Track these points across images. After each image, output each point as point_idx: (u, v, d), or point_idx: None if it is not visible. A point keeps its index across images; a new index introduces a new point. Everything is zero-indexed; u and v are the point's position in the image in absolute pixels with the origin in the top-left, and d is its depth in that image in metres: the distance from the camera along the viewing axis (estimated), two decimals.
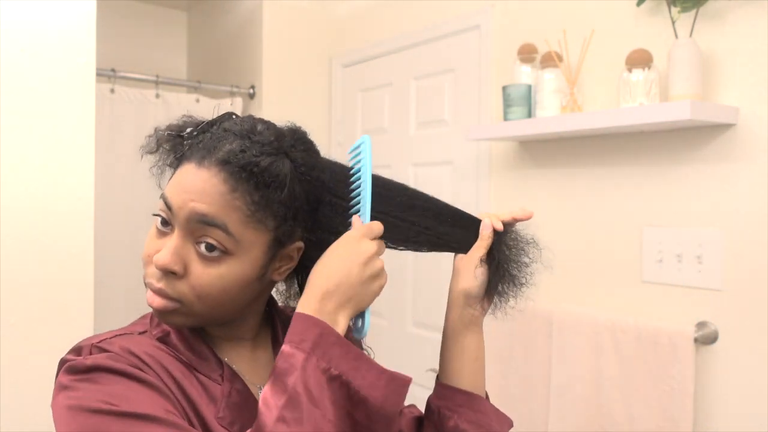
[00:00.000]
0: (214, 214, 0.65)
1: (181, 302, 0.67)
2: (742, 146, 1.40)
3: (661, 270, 1.54)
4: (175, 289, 0.67)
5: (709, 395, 1.45)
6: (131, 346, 0.68)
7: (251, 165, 0.66)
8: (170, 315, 0.68)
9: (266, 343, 0.81)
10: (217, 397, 0.70)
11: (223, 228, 0.66)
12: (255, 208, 0.66)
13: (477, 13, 2.00)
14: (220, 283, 0.67)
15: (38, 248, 1.46)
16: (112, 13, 2.69)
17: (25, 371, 1.45)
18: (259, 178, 0.66)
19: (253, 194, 0.66)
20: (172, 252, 0.66)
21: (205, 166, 0.66)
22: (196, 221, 0.66)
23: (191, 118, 0.76)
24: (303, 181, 0.70)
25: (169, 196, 0.68)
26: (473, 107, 2.03)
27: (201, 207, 0.65)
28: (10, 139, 1.43)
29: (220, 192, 0.65)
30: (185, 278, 0.67)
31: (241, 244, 0.67)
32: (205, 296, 0.67)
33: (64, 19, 1.50)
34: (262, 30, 2.47)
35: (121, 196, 2.25)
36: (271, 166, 0.67)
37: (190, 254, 0.67)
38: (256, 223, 0.67)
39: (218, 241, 0.66)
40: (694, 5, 1.43)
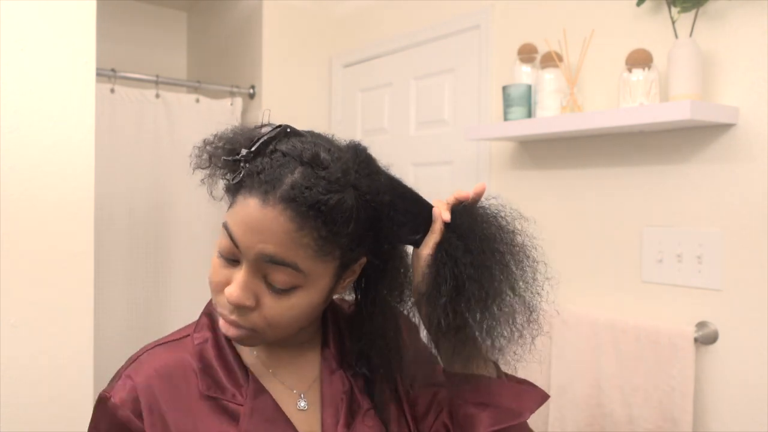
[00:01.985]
0: (283, 255, 0.64)
1: (254, 331, 0.69)
2: (742, 146, 1.40)
3: (661, 270, 1.54)
4: (248, 320, 0.68)
5: (709, 395, 1.45)
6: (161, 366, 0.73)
7: (319, 204, 0.63)
8: (244, 340, 0.70)
9: (316, 346, 0.80)
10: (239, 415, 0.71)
11: (293, 266, 0.65)
12: (323, 243, 0.65)
13: (477, 13, 2.00)
14: (291, 313, 0.68)
15: (38, 248, 1.46)
16: (112, 13, 2.69)
17: (25, 371, 1.45)
18: (327, 216, 0.64)
19: (321, 230, 0.64)
20: (242, 288, 0.66)
21: (270, 204, 0.63)
22: (265, 261, 0.65)
23: (240, 132, 0.72)
24: (368, 208, 0.68)
25: (234, 233, 0.66)
26: (473, 107, 2.03)
27: (269, 249, 0.64)
28: (10, 139, 1.43)
29: (286, 231, 0.64)
30: (257, 310, 0.68)
31: (310, 277, 0.67)
32: (277, 325, 0.68)
33: (64, 19, 1.50)
34: (262, 30, 2.47)
35: (121, 196, 2.25)
36: (338, 204, 0.64)
37: (260, 287, 0.67)
38: (324, 256, 0.66)
39: (288, 278, 0.66)
40: (694, 5, 1.42)
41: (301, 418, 0.74)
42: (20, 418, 1.44)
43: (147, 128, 2.30)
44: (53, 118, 1.49)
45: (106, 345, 2.16)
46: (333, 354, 0.79)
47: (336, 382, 0.77)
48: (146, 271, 2.32)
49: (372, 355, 0.78)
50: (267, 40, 2.47)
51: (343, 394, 0.76)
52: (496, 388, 0.77)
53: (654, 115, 1.39)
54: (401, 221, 0.74)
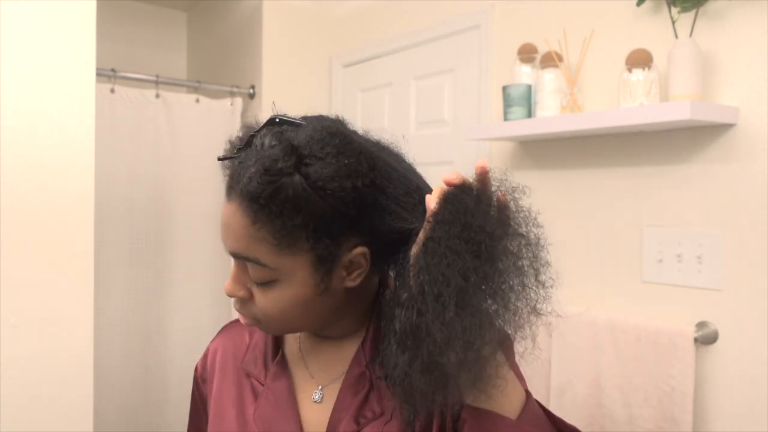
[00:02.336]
0: (243, 251, 0.66)
1: (257, 321, 0.72)
2: (742, 146, 1.40)
3: (661, 270, 1.54)
4: (249, 311, 0.71)
5: (709, 395, 1.45)
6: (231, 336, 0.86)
7: (258, 196, 0.62)
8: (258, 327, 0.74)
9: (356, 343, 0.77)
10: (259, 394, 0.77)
11: (255, 261, 0.66)
12: (280, 236, 0.64)
13: (477, 13, 2.00)
14: (279, 305, 0.69)
15: (38, 248, 1.46)
16: (112, 13, 2.68)
17: (25, 371, 1.45)
18: (270, 207, 0.62)
19: (273, 222, 0.63)
20: (232, 280, 0.70)
21: (231, 200, 0.66)
22: (233, 256, 0.69)
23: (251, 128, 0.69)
24: (323, 195, 0.63)
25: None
26: (473, 107, 2.03)
27: (231, 244, 0.67)
28: (10, 139, 1.43)
29: (243, 225, 0.65)
30: (252, 301, 0.71)
31: (281, 271, 0.66)
32: (270, 317, 0.70)
33: (64, 19, 1.50)
34: (262, 30, 2.47)
35: (121, 196, 2.25)
36: (276, 193, 0.61)
37: (250, 280, 0.70)
38: (286, 249, 0.65)
39: (257, 272, 0.67)
40: (694, 5, 1.42)
41: (314, 409, 0.75)
42: (20, 418, 1.44)
43: (147, 128, 2.30)
44: (53, 118, 1.49)
45: (106, 345, 2.16)
46: (365, 353, 0.75)
47: (354, 382, 0.74)
48: (146, 271, 2.32)
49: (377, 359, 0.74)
50: (267, 40, 2.47)
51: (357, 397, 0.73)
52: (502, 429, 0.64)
53: (654, 115, 1.39)
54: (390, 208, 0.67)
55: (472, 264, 0.58)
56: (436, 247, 0.59)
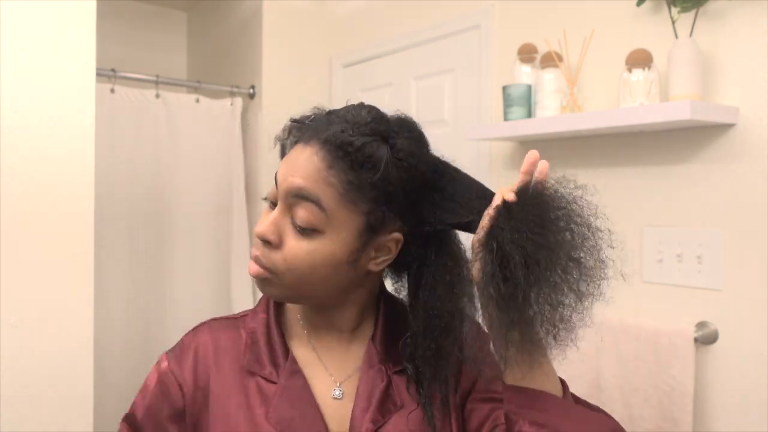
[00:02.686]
0: (309, 188, 0.68)
1: (272, 272, 0.71)
2: (742, 146, 1.40)
3: (661, 270, 1.54)
4: (270, 258, 0.71)
5: (709, 395, 1.45)
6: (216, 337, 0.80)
7: (346, 144, 0.68)
8: (264, 283, 0.73)
9: (365, 337, 0.80)
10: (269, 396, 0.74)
11: (316, 202, 0.68)
12: (349, 188, 0.68)
13: (477, 13, 2.00)
14: (310, 258, 0.69)
15: (38, 248, 1.46)
16: (112, 13, 2.68)
17: (25, 371, 1.45)
18: (353, 157, 0.68)
19: (348, 173, 0.68)
20: (270, 222, 0.70)
21: (310, 145, 0.70)
22: (293, 195, 0.69)
23: (318, 109, 0.78)
24: (400, 167, 0.70)
25: (278, 173, 0.72)
26: (473, 107, 2.03)
27: (298, 181, 0.69)
28: (10, 140, 1.43)
29: (317, 168, 0.68)
30: (280, 249, 0.70)
31: (332, 222, 0.69)
32: (295, 268, 0.70)
33: (64, 19, 1.50)
34: (262, 30, 2.47)
35: (121, 196, 2.25)
36: (364, 147, 0.68)
37: (287, 227, 0.70)
38: (349, 203, 0.69)
39: (311, 215, 0.68)
40: (694, 5, 1.42)
41: (334, 406, 0.75)
42: (20, 417, 1.44)
43: (147, 128, 2.30)
44: (53, 118, 1.49)
45: (106, 345, 2.16)
46: (377, 348, 0.78)
47: (373, 376, 0.76)
48: (146, 271, 2.32)
49: (417, 355, 0.75)
50: (267, 40, 2.47)
51: (378, 390, 0.75)
52: (558, 408, 0.71)
53: (654, 115, 1.39)
54: (446, 206, 0.74)
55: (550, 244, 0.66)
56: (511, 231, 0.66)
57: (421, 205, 0.73)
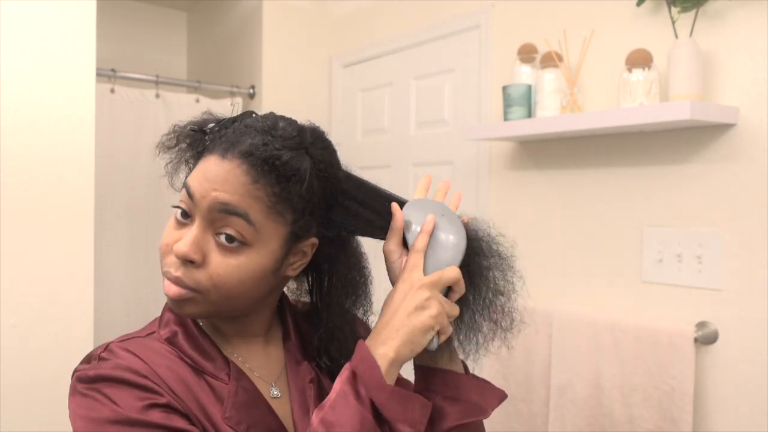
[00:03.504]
0: (236, 203, 0.67)
1: (197, 291, 0.68)
2: (742, 146, 1.40)
3: (661, 270, 1.54)
4: (193, 277, 0.68)
5: (709, 395, 1.45)
6: (139, 352, 0.70)
7: (273, 158, 0.68)
8: (185, 304, 0.69)
9: (278, 339, 0.82)
10: (224, 396, 0.71)
11: (245, 217, 0.67)
12: (276, 200, 0.68)
13: (477, 13, 2.00)
14: (238, 273, 0.68)
15: (38, 248, 1.46)
16: (112, 13, 2.68)
17: (25, 371, 1.45)
18: (280, 170, 0.68)
19: (274, 186, 0.68)
20: (192, 241, 0.68)
21: (228, 158, 0.68)
22: (218, 210, 0.67)
23: (211, 116, 0.77)
24: (321, 177, 0.72)
25: (192, 186, 0.69)
26: (473, 107, 2.03)
27: (224, 196, 0.67)
28: (10, 140, 1.43)
29: (242, 182, 0.67)
30: (203, 267, 0.68)
31: (260, 235, 0.68)
32: (222, 285, 0.68)
33: (64, 19, 1.50)
34: (262, 30, 2.47)
35: (121, 196, 2.25)
36: (291, 160, 0.68)
37: (209, 244, 0.68)
38: (276, 215, 0.69)
39: (238, 231, 0.67)
40: (694, 5, 1.43)
41: (275, 405, 0.75)
42: (20, 417, 1.44)
43: (147, 128, 2.30)
44: (53, 118, 1.49)
45: None
46: (296, 345, 0.81)
47: (302, 372, 0.79)
48: (146, 272, 2.32)
49: (331, 348, 0.80)
50: (267, 40, 2.47)
51: (310, 384, 0.78)
52: (464, 383, 0.79)
53: (654, 115, 1.39)
54: (356, 210, 0.77)
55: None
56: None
57: (335, 210, 0.76)
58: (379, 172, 2.35)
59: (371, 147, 2.42)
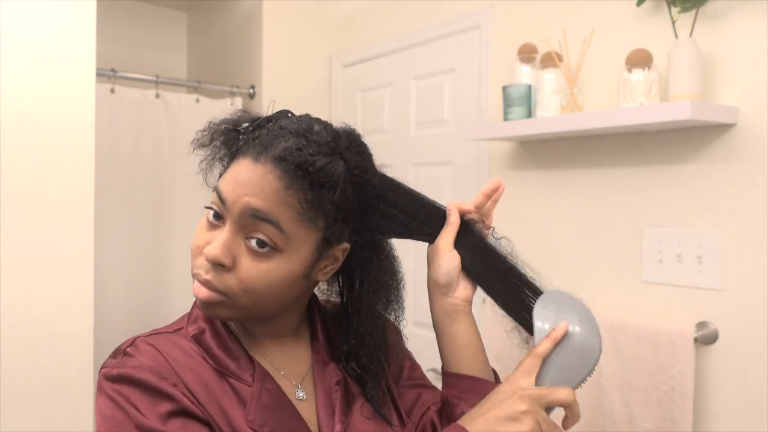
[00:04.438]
0: (267, 210, 0.66)
1: (226, 295, 0.68)
2: (742, 146, 1.40)
3: (661, 270, 1.54)
4: (223, 281, 0.68)
5: (709, 395, 1.45)
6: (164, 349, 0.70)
7: (307, 164, 0.66)
8: (214, 307, 0.69)
9: (305, 340, 0.81)
10: (247, 399, 0.70)
11: (276, 224, 0.66)
12: (308, 207, 0.67)
13: (477, 13, 2.00)
14: (267, 279, 0.68)
15: (38, 248, 1.46)
16: (112, 13, 2.68)
17: (25, 371, 1.45)
18: (314, 177, 0.67)
19: (307, 193, 0.67)
20: (222, 244, 0.67)
21: (261, 162, 0.67)
22: (249, 216, 0.66)
23: (246, 113, 0.76)
24: (355, 183, 0.71)
25: (223, 190, 0.69)
26: (473, 107, 2.03)
27: (255, 202, 0.66)
28: (10, 140, 1.43)
29: (274, 188, 0.66)
30: (233, 272, 0.67)
31: (291, 242, 0.68)
32: (251, 290, 0.68)
33: (64, 19, 1.50)
34: (262, 30, 2.47)
35: (121, 196, 2.25)
36: (326, 167, 0.67)
37: (240, 248, 0.68)
38: (308, 222, 0.68)
39: (269, 237, 0.67)
40: (694, 5, 1.43)
41: (301, 407, 0.74)
42: (20, 417, 1.44)
43: (147, 128, 2.30)
44: (53, 118, 1.49)
45: (106, 345, 2.16)
46: (323, 347, 0.80)
47: (329, 373, 0.78)
48: (146, 271, 2.32)
49: (361, 354, 0.79)
50: (267, 40, 2.47)
51: (336, 386, 0.77)
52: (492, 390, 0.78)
53: (654, 115, 1.39)
54: (391, 213, 0.77)
55: None
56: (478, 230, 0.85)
57: (369, 215, 0.75)
58: None
59: (371, 147, 2.40)
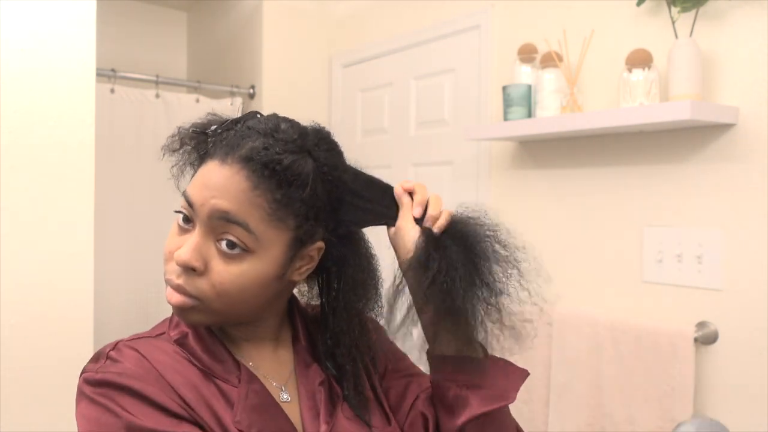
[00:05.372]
0: (235, 212, 0.65)
1: (199, 299, 0.67)
2: (742, 146, 1.40)
3: (661, 270, 1.54)
4: (195, 286, 0.67)
5: (709, 395, 1.45)
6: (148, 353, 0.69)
7: (273, 162, 0.65)
8: (189, 312, 0.69)
9: (287, 343, 0.80)
10: (234, 400, 0.69)
11: (245, 226, 0.65)
12: (276, 206, 0.66)
13: (477, 13, 2.00)
14: (240, 281, 0.67)
15: (38, 248, 1.46)
16: (112, 13, 2.68)
17: (25, 371, 1.45)
18: (281, 176, 0.66)
19: (274, 192, 0.66)
20: (193, 248, 0.66)
21: (227, 163, 0.66)
22: (217, 218, 0.66)
23: (216, 116, 0.75)
24: (325, 180, 0.70)
25: (191, 194, 0.68)
26: (473, 107, 2.03)
27: (222, 204, 0.65)
28: (10, 140, 1.43)
29: (242, 189, 0.65)
30: (205, 275, 0.67)
31: (261, 243, 0.67)
32: (225, 293, 0.67)
33: (64, 19, 1.50)
34: (262, 30, 2.47)
35: (121, 196, 2.25)
36: (293, 164, 0.66)
37: (211, 251, 0.67)
38: (277, 222, 0.67)
39: (239, 238, 0.66)
40: (694, 5, 1.43)
41: (286, 409, 0.74)
42: (20, 417, 1.44)
43: (147, 128, 2.30)
44: (53, 118, 1.49)
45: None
46: (305, 348, 0.80)
47: (312, 375, 0.77)
48: (146, 272, 2.32)
49: (337, 353, 0.78)
50: (267, 40, 2.47)
51: (320, 386, 0.77)
52: (484, 367, 0.76)
53: (654, 115, 1.39)
54: (364, 207, 0.76)
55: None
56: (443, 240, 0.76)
57: (342, 210, 0.74)
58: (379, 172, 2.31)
59: (371, 147, 2.41)
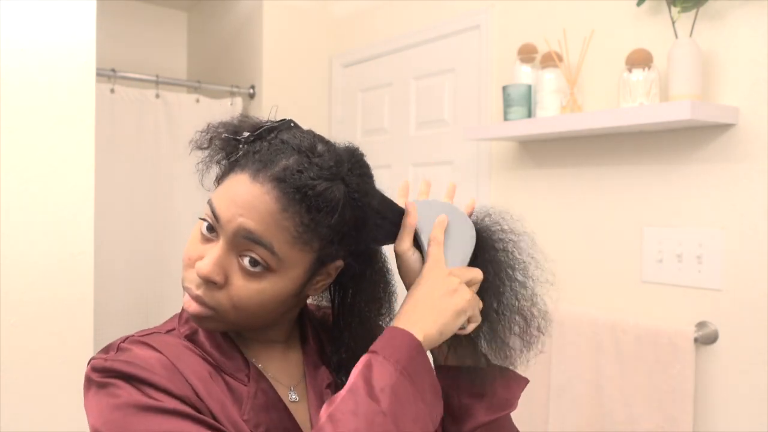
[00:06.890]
0: (261, 233, 0.64)
1: (216, 311, 0.67)
2: (742, 146, 1.40)
3: (661, 270, 1.54)
4: (214, 298, 0.67)
5: (709, 395, 1.45)
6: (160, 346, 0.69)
7: (306, 188, 0.64)
8: (204, 320, 0.69)
9: (297, 344, 0.81)
10: (243, 397, 0.70)
11: (269, 247, 0.65)
12: (303, 230, 0.65)
13: (477, 13, 2.00)
14: (259, 298, 0.67)
15: (38, 248, 1.46)
16: (112, 13, 2.69)
17: (25, 371, 1.45)
18: (311, 201, 0.65)
19: (303, 216, 0.65)
20: (214, 262, 0.65)
21: (258, 181, 0.65)
22: (242, 237, 0.65)
23: (247, 119, 0.74)
24: (354, 207, 0.69)
25: (217, 207, 0.67)
26: (473, 107, 2.03)
27: (249, 224, 0.64)
28: (10, 139, 1.43)
29: (270, 211, 0.64)
30: (224, 288, 0.66)
31: (284, 263, 0.66)
32: (242, 308, 0.67)
33: (64, 19, 1.50)
34: (262, 30, 2.47)
35: (121, 196, 2.25)
36: (326, 192, 0.65)
37: (233, 266, 0.66)
38: (302, 245, 0.66)
39: (262, 258, 0.65)
40: (694, 5, 1.43)
41: (294, 409, 0.74)
42: (20, 417, 1.44)
43: (147, 128, 2.30)
44: (53, 118, 1.49)
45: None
46: (314, 349, 0.80)
47: (320, 376, 0.78)
48: (146, 271, 2.32)
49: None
50: (267, 40, 2.47)
51: (327, 388, 0.77)
52: (488, 377, 0.78)
53: (654, 115, 1.39)
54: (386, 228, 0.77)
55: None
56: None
57: (364, 232, 0.73)
58: (379, 172, 2.32)
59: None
